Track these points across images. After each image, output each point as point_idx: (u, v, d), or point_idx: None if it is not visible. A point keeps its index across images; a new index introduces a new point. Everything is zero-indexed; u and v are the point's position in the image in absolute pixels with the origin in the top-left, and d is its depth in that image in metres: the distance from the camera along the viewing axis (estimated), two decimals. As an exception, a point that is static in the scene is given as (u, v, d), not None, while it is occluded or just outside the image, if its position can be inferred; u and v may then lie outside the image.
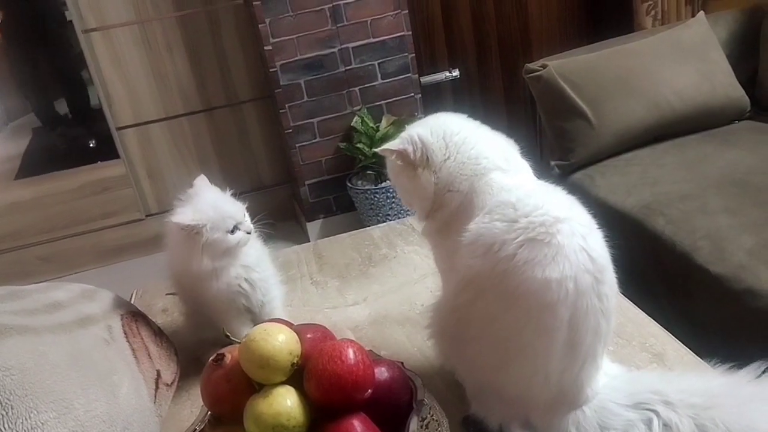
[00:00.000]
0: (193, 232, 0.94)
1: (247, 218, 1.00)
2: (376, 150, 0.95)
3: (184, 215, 0.94)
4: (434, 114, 0.91)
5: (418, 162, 0.85)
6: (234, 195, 1.02)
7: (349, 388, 0.67)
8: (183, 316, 1.14)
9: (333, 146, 3.04)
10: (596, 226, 0.79)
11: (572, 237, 0.74)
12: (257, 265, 1.03)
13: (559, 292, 0.73)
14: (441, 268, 0.91)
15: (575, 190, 0.83)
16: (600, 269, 0.76)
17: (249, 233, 0.99)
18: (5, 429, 0.64)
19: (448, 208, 0.85)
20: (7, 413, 0.64)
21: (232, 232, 0.96)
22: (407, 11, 2.93)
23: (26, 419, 0.66)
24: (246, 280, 1.01)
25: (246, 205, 1.01)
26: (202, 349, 1.04)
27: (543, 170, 0.91)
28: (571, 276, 0.73)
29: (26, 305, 0.83)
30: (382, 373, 0.74)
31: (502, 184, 0.82)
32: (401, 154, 0.86)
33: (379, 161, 2.87)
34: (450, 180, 0.84)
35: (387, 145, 0.87)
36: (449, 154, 0.85)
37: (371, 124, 2.91)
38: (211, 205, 0.97)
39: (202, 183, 1.02)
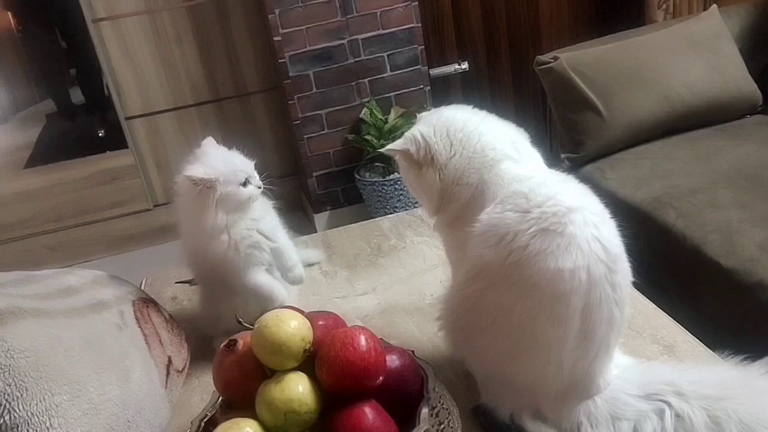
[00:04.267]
0: (205, 187, 0.94)
1: (256, 174, 1.02)
2: (380, 150, 0.96)
3: (196, 169, 0.95)
4: (438, 109, 0.91)
5: (422, 161, 0.85)
6: (242, 153, 1.04)
7: (360, 374, 0.68)
8: (200, 305, 1.14)
9: (341, 138, 3.04)
10: (609, 216, 0.79)
11: (585, 227, 0.74)
12: (273, 233, 1.05)
13: (572, 282, 0.72)
14: (452, 258, 0.91)
15: (585, 182, 0.83)
16: (613, 258, 0.75)
17: (260, 188, 1.01)
18: (20, 410, 0.64)
19: (458, 202, 0.84)
20: (21, 395, 0.65)
21: (244, 185, 0.97)
22: (417, 3, 2.92)
23: (41, 401, 0.66)
24: (258, 231, 1.02)
25: (254, 162, 1.02)
26: (215, 334, 1.04)
27: (553, 163, 0.91)
28: (584, 266, 0.73)
29: (40, 289, 0.83)
30: (393, 360, 0.74)
31: (513, 174, 0.82)
32: (405, 154, 0.86)
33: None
34: (458, 175, 0.84)
35: (391, 145, 0.87)
36: (454, 151, 0.84)
37: (380, 116, 2.90)
38: (221, 160, 0.98)
39: (209, 143, 1.03)
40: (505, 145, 0.84)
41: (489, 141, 0.84)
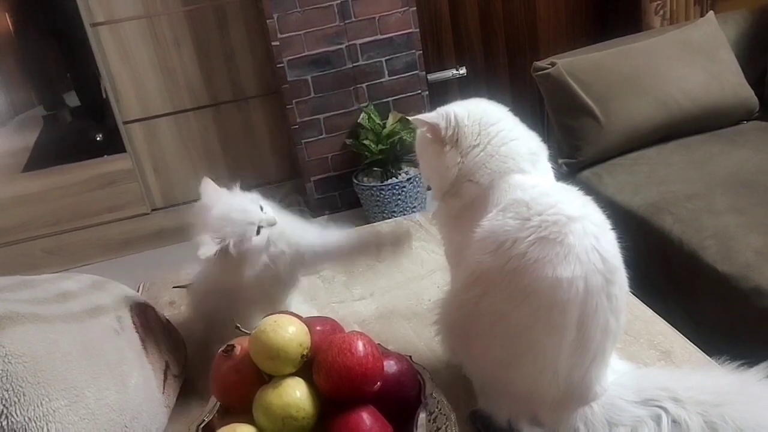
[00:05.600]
0: (222, 253, 0.90)
1: (266, 209, 0.94)
2: (409, 117, 0.94)
3: (207, 247, 0.88)
4: (476, 98, 0.90)
5: (447, 140, 0.84)
6: (242, 187, 0.97)
7: (358, 380, 0.68)
8: (192, 310, 1.13)
9: (339, 143, 3.04)
10: (609, 227, 0.79)
11: (584, 237, 0.74)
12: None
13: (569, 292, 0.72)
14: (451, 262, 0.91)
15: (583, 188, 0.83)
16: (611, 270, 0.75)
17: (273, 224, 0.93)
18: (17, 415, 0.64)
19: (463, 199, 0.84)
20: (19, 400, 0.65)
21: (257, 232, 0.92)
22: (415, 8, 2.93)
23: (38, 406, 0.66)
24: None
25: (258, 195, 0.96)
26: (211, 340, 1.03)
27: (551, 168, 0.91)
28: (581, 276, 0.73)
29: (37, 294, 0.83)
30: (390, 366, 0.74)
31: (519, 183, 0.82)
32: (433, 128, 0.85)
33: (385, 158, 2.88)
34: (474, 169, 0.83)
35: (422, 116, 0.86)
36: (480, 141, 0.84)
37: (378, 121, 2.91)
38: (224, 218, 0.91)
39: (207, 187, 0.96)
40: (525, 157, 0.84)
41: (513, 149, 0.84)
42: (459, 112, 0.85)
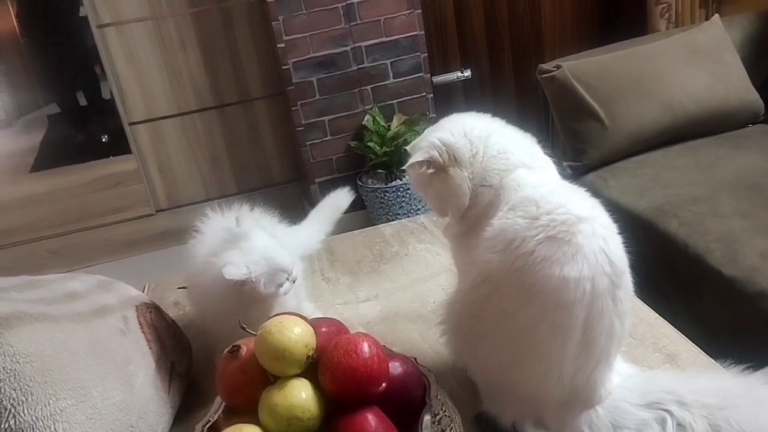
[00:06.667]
0: (244, 287, 0.89)
1: (294, 268, 0.95)
2: (403, 168, 0.94)
3: (236, 269, 0.88)
4: (447, 117, 0.91)
5: (447, 163, 0.85)
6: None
7: (363, 381, 0.68)
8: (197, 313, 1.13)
9: (344, 144, 3.05)
10: (617, 230, 0.79)
11: (593, 238, 0.74)
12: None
13: (576, 292, 0.72)
14: (459, 262, 0.91)
15: (587, 191, 0.83)
16: (618, 273, 0.75)
17: (294, 281, 0.95)
18: (24, 415, 0.64)
19: (479, 205, 0.84)
20: (26, 399, 0.65)
21: (281, 285, 0.93)
22: (420, 11, 2.94)
23: (45, 406, 0.66)
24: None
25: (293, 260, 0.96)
26: (217, 343, 1.04)
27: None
28: (588, 277, 0.73)
29: (44, 294, 0.84)
30: (396, 367, 0.74)
31: (527, 181, 0.82)
32: (430, 163, 0.85)
33: (389, 160, 2.88)
34: (483, 174, 0.84)
35: (412, 160, 0.86)
36: (475, 149, 0.84)
37: (382, 123, 2.91)
38: (264, 254, 0.91)
39: (247, 219, 0.96)
40: (521, 150, 0.85)
41: (507, 145, 0.85)
42: (441, 136, 0.86)
